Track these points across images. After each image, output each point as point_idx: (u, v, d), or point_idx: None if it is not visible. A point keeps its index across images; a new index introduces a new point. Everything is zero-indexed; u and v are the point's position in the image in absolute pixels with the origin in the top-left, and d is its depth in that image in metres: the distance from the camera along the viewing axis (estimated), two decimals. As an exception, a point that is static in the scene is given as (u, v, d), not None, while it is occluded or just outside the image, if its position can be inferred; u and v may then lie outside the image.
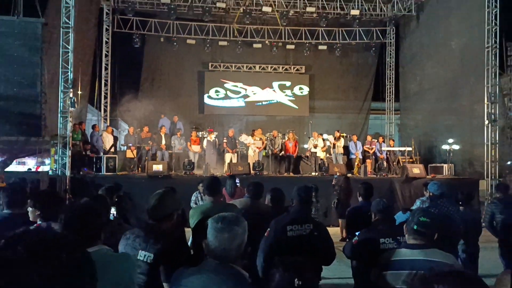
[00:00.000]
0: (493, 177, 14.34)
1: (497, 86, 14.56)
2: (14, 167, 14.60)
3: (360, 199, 5.39)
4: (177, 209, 3.13)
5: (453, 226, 5.31)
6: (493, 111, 14.38)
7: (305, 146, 17.45)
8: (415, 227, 2.94)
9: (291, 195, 4.31)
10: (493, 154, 14.46)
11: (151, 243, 2.87)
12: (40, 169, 15.45)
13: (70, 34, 12.72)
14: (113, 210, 4.81)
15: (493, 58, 14.44)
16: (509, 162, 15.89)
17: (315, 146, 15.68)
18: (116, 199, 5.28)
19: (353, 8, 18.73)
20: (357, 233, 4.01)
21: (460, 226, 5.37)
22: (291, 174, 15.22)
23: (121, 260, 2.43)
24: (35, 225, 3.19)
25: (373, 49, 20.90)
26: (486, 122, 14.42)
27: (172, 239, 2.93)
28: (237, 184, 7.38)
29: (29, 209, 3.34)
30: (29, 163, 17.61)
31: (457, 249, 5.75)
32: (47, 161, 17.41)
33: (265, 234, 3.91)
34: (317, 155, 15.67)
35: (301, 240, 3.80)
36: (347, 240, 5.24)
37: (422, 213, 3.06)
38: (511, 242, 6.33)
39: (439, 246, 3.03)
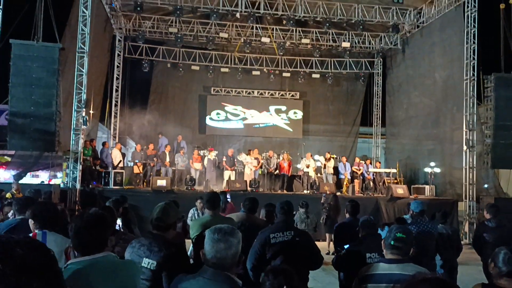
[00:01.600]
0: (470, 199, 14.37)
1: (475, 115, 14.70)
2: (28, 179, 14.55)
3: (347, 215, 5.43)
4: (179, 220, 3.17)
5: (430, 241, 5.35)
6: (471, 138, 14.49)
7: (298, 166, 17.49)
8: (392, 242, 2.93)
9: (276, 210, 4.44)
10: (471, 177, 14.52)
11: (155, 251, 2.89)
12: (52, 182, 15.38)
13: (84, 58, 12.87)
14: (119, 221, 4.84)
15: (471, 89, 14.60)
16: (486, 185, 15.89)
17: (307, 166, 15.72)
18: (122, 211, 5.32)
19: (344, 41, 18.96)
20: (345, 247, 4.05)
21: (437, 242, 5.41)
22: (285, 192, 15.23)
23: (127, 266, 2.44)
24: (31, 234, 3.18)
25: (362, 78, 21.12)
26: (465, 147, 14.52)
27: (174, 248, 2.95)
28: (228, 200, 7.40)
29: (30, 220, 3.34)
30: (42, 176, 17.51)
31: (435, 264, 5.77)
32: (59, 174, 17.35)
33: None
34: (309, 174, 15.71)
35: (283, 246, 3.91)
36: (335, 253, 5.27)
37: (398, 229, 3.05)
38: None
39: (417, 260, 3.06)
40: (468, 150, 14.48)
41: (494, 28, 14.83)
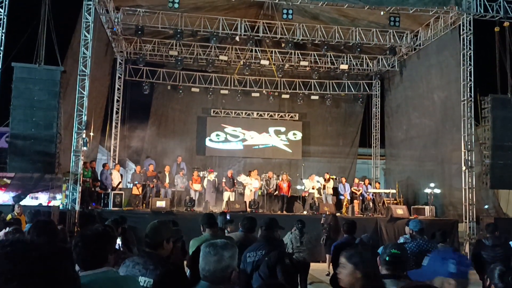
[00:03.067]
0: (470, 219, 14.32)
1: (473, 136, 14.77)
2: (27, 201, 14.54)
3: (345, 235, 5.46)
4: (172, 238, 3.17)
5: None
6: (470, 158, 14.54)
7: (298, 187, 17.49)
8: (387, 258, 2.96)
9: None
10: (470, 197, 14.51)
11: (151, 269, 2.88)
12: (51, 204, 15.37)
13: (86, 81, 13.02)
14: (119, 241, 4.86)
15: (468, 110, 14.71)
16: (486, 206, 15.86)
17: (313, 188, 15.69)
18: (121, 231, 5.34)
19: (342, 63, 19.22)
20: None
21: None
22: (285, 213, 15.20)
23: (127, 282, 2.45)
24: None
25: (360, 99, 21.28)
26: (464, 168, 14.55)
27: (171, 266, 2.96)
28: (228, 219, 7.40)
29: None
30: (42, 198, 17.50)
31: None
32: (58, 196, 17.31)
33: None
34: (315, 195, 15.66)
35: (254, 264, 3.99)
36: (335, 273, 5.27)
37: (393, 246, 3.10)
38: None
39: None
40: (467, 170, 14.50)
41: (490, 50, 15.04)
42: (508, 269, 2.69)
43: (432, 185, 15.62)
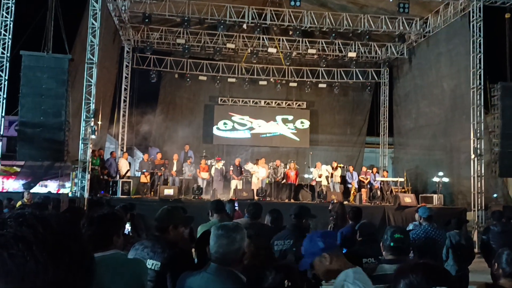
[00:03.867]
0: (479, 208, 14.28)
1: (482, 124, 14.66)
2: (37, 189, 14.70)
3: (350, 221, 5.48)
4: (181, 224, 3.19)
5: (435, 248, 5.35)
6: (479, 147, 14.44)
7: (305, 175, 17.50)
8: (391, 244, 2.97)
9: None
10: (479, 186, 14.44)
11: (159, 252, 2.94)
12: (60, 192, 15.53)
13: (93, 69, 13.05)
14: (127, 226, 4.91)
15: (478, 98, 14.58)
16: (495, 195, 15.80)
17: (320, 176, 15.70)
18: (130, 217, 5.39)
19: (350, 51, 19.07)
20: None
21: (442, 249, 5.41)
22: (292, 201, 15.23)
23: (134, 264, 2.47)
24: None
25: (369, 88, 21.14)
26: (473, 156, 14.46)
27: (178, 249, 3.00)
28: (236, 208, 7.44)
29: None
30: (51, 186, 17.70)
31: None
32: (67, 184, 17.50)
33: None
34: (322, 183, 15.66)
35: (282, 253, 3.96)
36: None
37: (396, 231, 3.08)
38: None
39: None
40: (476, 159, 14.41)
41: (500, 38, 14.85)
42: None
43: (440, 174, 15.55)
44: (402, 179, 16.47)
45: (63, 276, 0.83)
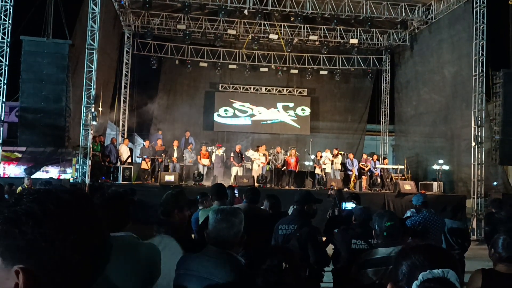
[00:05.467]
0: (479, 196, 14.33)
1: (483, 111, 14.64)
2: (38, 175, 14.77)
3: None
4: (186, 206, 3.23)
5: (435, 234, 5.38)
6: (479, 134, 14.44)
7: (306, 163, 17.54)
8: (385, 233, 2.94)
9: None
10: (479, 174, 14.47)
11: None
12: (61, 177, 15.60)
13: (94, 55, 13.02)
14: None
15: (480, 86, 14.53)
16: (495, 183, 15.83)
17: (325, 163, 15.73)
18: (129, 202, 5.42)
19: (352, 38, 18.96)
20: (335, 230, 4.18)
21: (441, 235, 5.44)
22: (292, 187, 15.29)
23: (148, 248, 2.34)
24: None
25: (370, 75, 21.07)
26: (473, 144, 14.47)
27: (180, 232, 3.05)
28: (236, 194, 7.47)
29: None
30: (52, 172, 17.77)
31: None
32: (68, 170, 17.59)
33: None
34: (326, 170, 15.69)
35: (285, 238, 4.00)
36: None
37: (385, 218, 3.03)
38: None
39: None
40: (476, 146, 14.42)
41: (503, 24, 14.75)
42: None
43: (441, 161, 15.58)
44: (402, 167, 16.53)
45: (70, 256, 0.83)
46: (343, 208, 5.71)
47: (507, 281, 2.68)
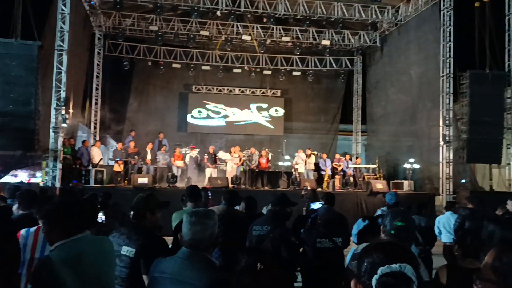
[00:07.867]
0: (447, 193, 14.72)
1: (451, 111, 15.04)
2: (7, 178, 14.38)
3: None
4: (157, 209, 3.23)
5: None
6: (447, 133, 14.84)
7: (280, 163, 17.63)
8: (392, 232, 2.74)
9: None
10: (447, 172, 14.87)
11: (134, 239, 2.99)
12: (31, 181, 15.23)
13: (63, 56, 12.81)
14: (101, 215, 4.91)
15: (447, 86, 14.94)
16: (463, 180, 16.28)
17: (297, 163, 15.84)
18: (102, 206, 5.38)
19: (324, 39, 19.16)
20: (302, 231, 4.26)
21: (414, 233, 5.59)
22: (266, 188, 15.36)
23: (101, 241, 2.54)
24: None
25: (342, 76, 21.37)
26: (442, 143, 14.86)
27: (153, 236, 3.05)
28: (209, 196, 7.46)
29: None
30: (21, 176, 17.31)
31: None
32: (38, 173, 17.17)
33: None
34: (299, 170, 15.81)
35: (259, 239, 4.05)
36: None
37: (397, 217, 2.78)
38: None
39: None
40: (444, 145, 14.81)
41: (469, 26, 15.18)
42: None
43: (411, 160, 15.92)
44: (374, 166, 16.80)
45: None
46: (310, 207, 5.82)
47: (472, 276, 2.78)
